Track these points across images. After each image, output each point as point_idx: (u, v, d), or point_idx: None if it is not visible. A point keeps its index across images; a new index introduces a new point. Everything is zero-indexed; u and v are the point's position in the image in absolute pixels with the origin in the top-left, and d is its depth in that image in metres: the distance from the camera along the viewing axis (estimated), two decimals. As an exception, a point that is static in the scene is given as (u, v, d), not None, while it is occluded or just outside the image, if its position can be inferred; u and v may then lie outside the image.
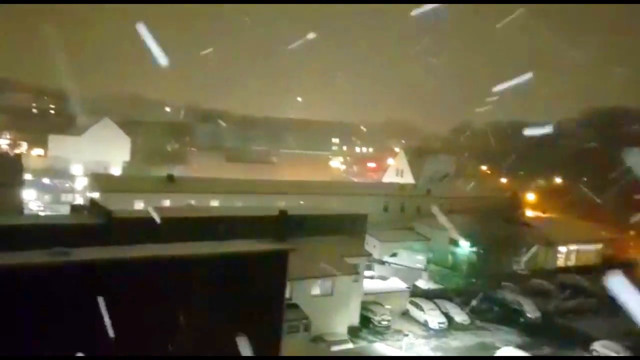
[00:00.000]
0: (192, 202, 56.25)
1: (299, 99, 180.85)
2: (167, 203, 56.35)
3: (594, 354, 44.17)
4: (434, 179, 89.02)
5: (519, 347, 42.95)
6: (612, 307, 56.93)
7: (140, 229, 27.99)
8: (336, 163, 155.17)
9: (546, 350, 43.93)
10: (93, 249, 20.07)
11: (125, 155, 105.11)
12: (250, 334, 22.05)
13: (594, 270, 69.27)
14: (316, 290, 40.24)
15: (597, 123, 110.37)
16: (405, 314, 48.33)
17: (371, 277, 50.86)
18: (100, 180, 65.43)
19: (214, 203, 59.31)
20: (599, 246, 76.34)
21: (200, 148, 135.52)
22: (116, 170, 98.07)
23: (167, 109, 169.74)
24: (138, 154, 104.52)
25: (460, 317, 48.34)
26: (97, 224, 32.07)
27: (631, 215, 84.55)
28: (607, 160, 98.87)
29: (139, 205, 53.76)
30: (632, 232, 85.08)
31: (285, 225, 28.90)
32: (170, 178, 63.88)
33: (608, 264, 73.63)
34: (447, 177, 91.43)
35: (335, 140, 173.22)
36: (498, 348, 41.79)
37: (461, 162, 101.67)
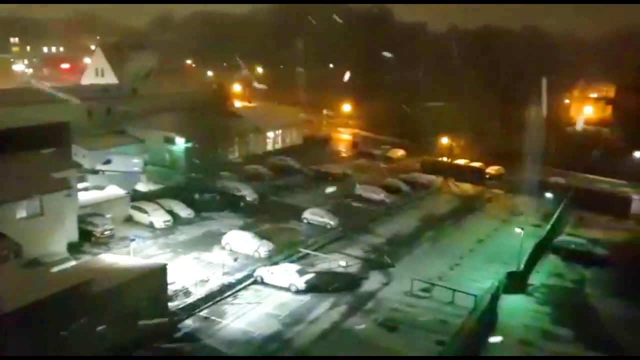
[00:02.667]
0: None
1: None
2: None
3: (305, 221, 50.31)
4: (139, 76, 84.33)
5: (242, 228, 46.21)
6: (314, 180, 65.25)
7: None
8: (20, 66, 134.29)
9: (266, 226, 48.22)
10: None
11: None
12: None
13: (298, 150, 77.59)
14: (22, 213, 35.65)
15: (288, 11, 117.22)
16: (129, 220, 46.87)
17: (86, 189, 47.27)
18: None
19: None
20: (300, 127, 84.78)
21: None
22: None
23: None
24: None
25: (185, 212, 49.08)
26: None
27: (321, 97, 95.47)
28: (301, 46, 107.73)
29: None
30: (325, 112, 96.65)
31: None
32: None
33: (309, 141, 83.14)
34: (152, 73, 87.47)
35: (15, 39, 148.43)
36: (224, 233, 44.13)
37: (165, 57, 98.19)
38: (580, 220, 57.05)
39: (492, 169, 72.58)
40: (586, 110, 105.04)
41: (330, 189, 60.06)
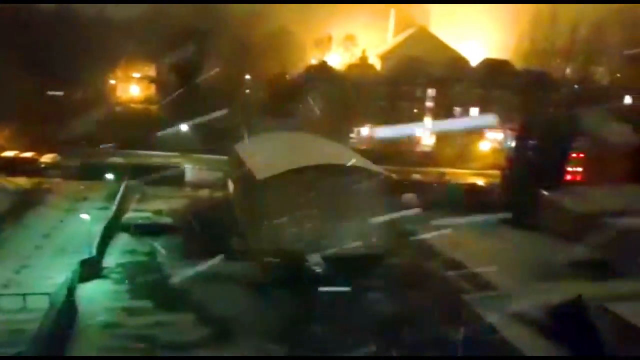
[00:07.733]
0: None
1: None
2: None
3: None
4: None
5: None
6: None
7: None
8: None
9: None
10: None
11: None
12: None
13: None
14: None
15: None
16: None
17: None
18: None
19: None
20: None
21: None
22: None
23: None
24: None
25: None
26: None
27: None
28: None
29: None
30: None
31: None
32: None
33: None
34: None
35: None
36: None
37: None
38: (144, 195, 59.89)
39: (46, 158, 68.23)
40: (132, 90, 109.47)
41: None
